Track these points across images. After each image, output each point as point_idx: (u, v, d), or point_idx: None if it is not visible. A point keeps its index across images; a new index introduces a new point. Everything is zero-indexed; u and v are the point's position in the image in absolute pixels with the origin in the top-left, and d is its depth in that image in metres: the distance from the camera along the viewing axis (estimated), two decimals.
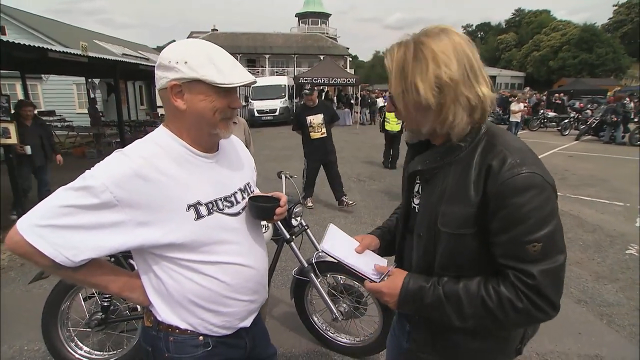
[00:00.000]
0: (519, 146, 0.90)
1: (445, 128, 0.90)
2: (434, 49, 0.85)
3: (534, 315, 0.84)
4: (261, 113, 18.14)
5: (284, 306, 2.98)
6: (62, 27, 18.70)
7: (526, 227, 0.82)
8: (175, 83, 0.96)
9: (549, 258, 0.83)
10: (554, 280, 0.84)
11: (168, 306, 1.06)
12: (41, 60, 5.70)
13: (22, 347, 2.58)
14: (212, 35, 34.80)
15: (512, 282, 0.85)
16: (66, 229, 0.89)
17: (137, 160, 0.95)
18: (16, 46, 4.87)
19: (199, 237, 1.01)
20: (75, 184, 0.91)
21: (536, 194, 0.82)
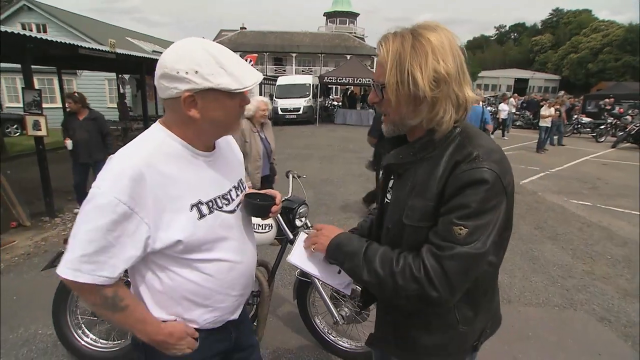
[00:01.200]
0: (489, 146, 0.91)
1: (432, 123, 0.90)
2: (433, 42, 0.85)
3: (427, 290, 0.85)
4: (285, 111, 18.25)
5: (289, 306, 2.98)
6: (99, 25, 19.53)
7: (462, 213, 0.84)
8: (187, 94, 0.93)
9: (471, 244, 0.83)
10: (462, 267, 0.84)
11: (161, 305, 1.06)
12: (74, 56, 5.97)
13: (37, 330, 2.70)
14: (240, 34, 35.40)
15: (421, 252, 0.88)
16: (96, 254, 0.90)
17: (139, 163, 0.93)
18: (51, 43, 5.13)
19: (201, 236, 1.02)
20: (88, 207, 0.90)
21: (486, 188, 0.83)
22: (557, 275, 3.69)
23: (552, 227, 5.04)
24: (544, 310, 3.08)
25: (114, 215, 0.89)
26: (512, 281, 3.55)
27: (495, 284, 1.09)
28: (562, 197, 6.53)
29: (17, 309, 2.98)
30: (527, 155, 10.92)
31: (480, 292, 0.99)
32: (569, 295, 3.33)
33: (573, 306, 3.15)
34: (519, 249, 4.26)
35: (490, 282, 1.03)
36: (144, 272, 1.05)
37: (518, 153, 11.18)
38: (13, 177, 5.15)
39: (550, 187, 7.25)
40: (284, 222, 2.27)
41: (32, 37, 4.54)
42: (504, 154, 0.93)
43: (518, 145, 12.81)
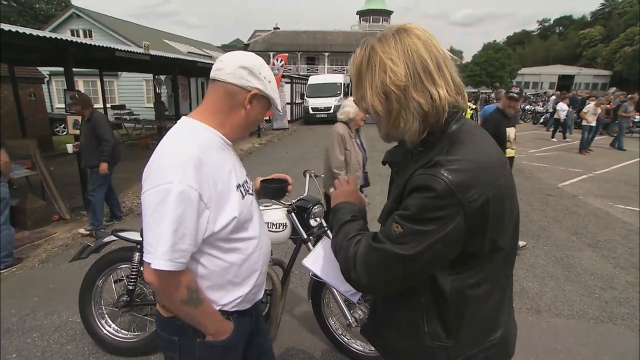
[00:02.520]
0: (467, 156, 0.83)
1: (399, 133, 0.89)
2: (381, 55, 0.83)
3: (348, 270, 0.90)
4: (315, 110, 18.32)
5: (306, 305, 2.97)
6: (139, 29, 20.52)
7: (403, 213, 0.83)
8: (257, 92, 1.11)
9: (398, 244, 0.82)
10: (382, 262, 0.85)
11: (207, 291, 1.13)
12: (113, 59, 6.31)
13: (68, 318, 2.88)
14: (273, 34, 35.92)
15: (365, 236, 0.90)
16: (181, 242, 0.98)
17: (196, 152, 1.02)
18: (90, 47, 5.44)
19: (245, 214, 1.15)
20: (166, 200, 0.95)
21: (429, 197, 0.79)
22: (595, 286, 3.44)
23: (593, 234, 4.70)
24: (577, 323, 2.88)
25: (188, 202, 0.97)
26: (542, 289, 3.35)
27: (490, 315, 0.94)
28: (606, 202, 6.09)
29: (52, 297, 3.19)
30: (568, 156, 10.28)
31: (452, 311, 0.89)
32: (608, 308, 3.09)
33: (612, 320, 2.92)
34: (553, 255, 4.01)
35: (469, 307, 0.89)
36: (190, 260, 1.09)
37: (558, 154, 10.56)
38: (56, 173, 5.50)
39: (592, 191, 6.78)
40: (298, 221, 2.27)
41: (73, 41, 4.83)
42: (487, 166, 0.84)
43: (559, 145, 12.09)
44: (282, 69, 12.74)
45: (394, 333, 1.00)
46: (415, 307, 0.92)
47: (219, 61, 1.13)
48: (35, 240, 4.42)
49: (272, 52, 29.41)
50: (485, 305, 0.92)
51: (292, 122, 18.58)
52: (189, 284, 1.05)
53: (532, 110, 19.74)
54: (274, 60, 12.85)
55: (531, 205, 5.86)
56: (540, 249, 4.21)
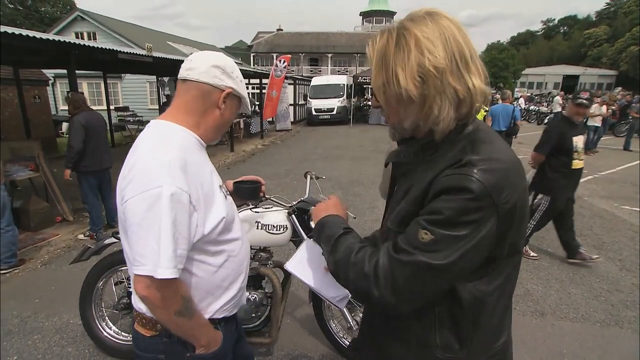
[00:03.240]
0: (493, 155, 0.78)
1: (429, 123, 0.81)
2: (417, 35, 0.76)
3: (371, 288, 0.78)
4: (318, 112, 18.31)
5: (307, 308, 2.95)
6: (143, 31, 20.63)
7: (433, 217, 0.75)
8: (230, 91, 1.10)
9: (430, 254, 0.74)
10: (413, 275, 0.76)
11: (197, 299, 1.09)
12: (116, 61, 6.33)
13: (69, 320, 2.88)
14: (277, 35, 35.99)
15: (379, 250, 0.82)
16: (179, 247, 0.94)
17: (179, 154, 0.99)
18: (93, 49, 5.46)
19: (230, 214, 1.14)
20: (157, 206, 0.91)
21: (465, 198, 0.72)
22: (601, 288, 3.39)
23: (598, 235, 4.65)
24: (582, 326, 2.84)
25: (180, 205, 0.94)
26: (547, 292, 3.31)
27: (498, 320, 0.90)
28: (611, 203, 6.02)
29: (54, 298, 3.19)
30: None
31: (468, 320, 0.84)
32: (614, 311, 3.04)
33: (619, 323, 2.88)
34: (557, 258, 3.96)
35: (484, 314, 0.85)
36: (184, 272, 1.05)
37: None
38: (59, 174, 5.51)
39: (598, 192, 6.72)
40: (299, 223, 2.25)
41: (76, 43, 4.85)
42: (513, 167, 0.79)
43: None
44: (285, 70, 12.75)
45: (400, 347, 0.93)
46: (426, 317, 0.85)
47: (189, 61, 1.09)
48: (38, 241, 4.44)
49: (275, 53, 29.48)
50: (496, 311, 0.88)
51: (295, 123, 18.58)
52: (185, 293, 1.02)
53: (537, 111, 19.61)
54: (277, 61, 12.85)
55: None
56: (544, 251, 4.16)
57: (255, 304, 2.27)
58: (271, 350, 2.52)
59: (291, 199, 2.39)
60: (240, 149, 11.14)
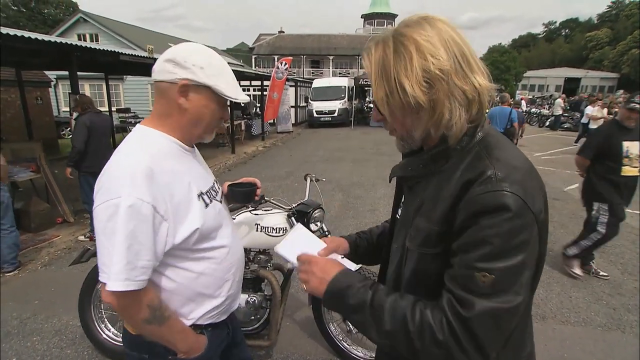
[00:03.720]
0: (512, 162, 0.76)
1: (441, 129, 0.77)
2: (416, 39, 0.74)
3: (455, 355, 0.69)
4: (320, 114, 18.33)
5: (307, 310, 2.94)
6: (145, 33, 20.74)
7: (483, 253, 0.68)
8: (186, 82, 1.00)
9: (499, 297, 0.68)
10: (493, 324, 0.69)
11: (175, 305, 1.08)
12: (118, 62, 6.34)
13: (68, 322, 2.87)
14: (278, 37, 36.10)
15: (442, 307, 0.71)
16: (136, 259, 0.92)
17: (146, 161, 0.96)
18: (95, 51, 5.49)
19: (210, 224, 1.09)
20: (115, 216, 0.90)
21: (508, 218, 0.68)
22: (603, 292, 3.37)
23: None
24: (584, 330, 2.82)
25: (140, 217, 0.91)
26: (548, 295, 3.29)
27: (523, 331, 0.87)
28: None
29: (53, 300, 3.19)
30: None
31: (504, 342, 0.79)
32: (616, 315, 3.02)
33: (620, 328, 2.86)
34: (559, 261, 3.94)
35: (517, 329, 0.81)
36: (162, 275, 1.05)
37: (564, 157, 10.44)
38: (60, 175, 5.53)
39: None
40: None
41: (78, 45, 4.87)
42: (531, 170, 0.77)
43: (565, 148, 11.97)
44: (286, 72, 12.77)
45: None
46: None
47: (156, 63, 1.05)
48: (39, 243, 4.44)
49: (277, 55, 29.56)
50: (522, 322, 0.84)
51: (296, 125, 18.61)
52: (151, 302, 0.99)
53: (538, 113, 19.59)
54: (279, 63, 12.88)
55: None
56: (546, 254, 4.13)
57: (254, 307, 2.26)
58: (270, 353, 2.51)
59: (292, 201, 2.39)
60: (242, 150, 11.15)
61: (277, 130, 15.93)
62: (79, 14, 18.18)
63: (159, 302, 1.01)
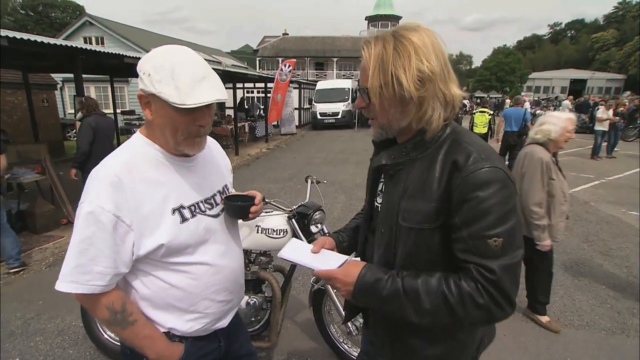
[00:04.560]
0: (483, 144, 0.91)
1: (422, 123, 0.89)
2: (415, 42, 0.85)
3: (493, 311, 0.83)
4: (323, 116, 18.36)
5: (308, 312, 2.94)
6: (151, 36, 20.88)
7: (488, 222, 0.81)
8: (141, 93, 0.99)
9: (509, 254, 0.83)
10: (512, 276, 0.84)
11: (148, 312, 1.08)
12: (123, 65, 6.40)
13: (71, 322, 2.89)
14: (282, 39, 36.23)
15: (473, 277, 0.83)
16: (90, 264, 0.93)
17: (115, 170, 0.97)
18: (100, 54, 5.54)
19: (183, 239, 1.04)
20: (77, 219, 0.95)
21: (499, 188, 0.82)
22: (607, 296, 3.33)
23: (605, 241, 4.58)
24: (588, 334, 2.79)
25: (99, 224, 0.92)
26: (551, 298, 3.24)
27: None
28: (619, 208, 5.94)
29: (57, 300, 3.21)
30: (580, 161, 10.09)
31: None
32: (620, 318, 2.99)
33: (625, 332, 2.82)
34: (562, 263, 3.91)
35: None
36: (129, 279, 1.06)
37: (569, 159, 10.37)
38: (65, 177, 5.58)
39: (605, 197, 6.63)
40: (299, 228, 2.25)
41: (82, 48, 4.92)
42: (494, 150, 0.94)
43: (570, 150, 11.89)
44: (290, 74, 12.82)
45: (424, 342, 0.98)
46: None
47: None
48: (43, 243, 4.48)
49: (281, 57, 29.63)
50: None
51: (300, 127, 18.64)
52: (111, 305, 0.98)
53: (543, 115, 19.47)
54: (282, 65, 12.93)
55: None
56: None
57: (254, 308, 2.27)
58: (271, 354, 2.51)
59: (294, 202, 2.40)
60: (245, 152, 11.18)
61: (280, 132, 15.97)
62: (85, 17, 18.36)
63: (121, 306, 1.00)
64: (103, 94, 16.00)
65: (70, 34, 18.11)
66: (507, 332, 2.75)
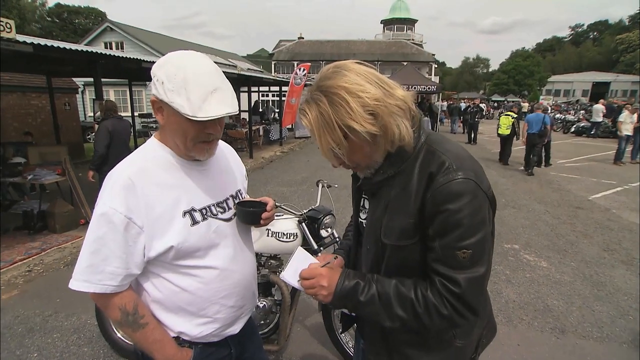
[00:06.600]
0: (458, 152, 0.92)
1: (396, 143, 0.89)
2: (343, 85, 0.84)
3: (457, 321, 0.87)
4: None
5: (318, 317, 2.94)
6: (169, 40, 21.37)
7: (458, 234, 0.83)
8: (154, 98, 1.00)
9: (476, 266, 0.85)
10: (477, 288, 0.87)
11: (158, 314, 1.09)
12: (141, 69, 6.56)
13: (86, 320, 2.96)
14: (298, 43, 36.44)
15: (438, 290, 0.87)
16: (102, 263, 0.96)
17: (129, 173, 0.99)
18: (119, 58, 5.69)
19: (193, 242, 1.04)
20: (91, 220, 0.98)
21: (469, 200, 0.83)
22: (629, 307, 3.22)
23: (627, 250, 4.43)
24: (607, 347, 2.70)
25: (111, 225, 0.95)
26: (568, 308, 3.17)
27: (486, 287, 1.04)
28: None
29: (74, 299, 3.29)
30: (601, 167, 9.80)
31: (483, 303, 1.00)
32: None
33: None
34: (581, 272, 3.80)
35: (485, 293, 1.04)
36: (141, 281, 1.07)
37: (589, 165, 10.08)
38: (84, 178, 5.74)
39: (627, 204, 6.41)
40: (309, 232, 2.25)
41: (102, 53, 5.07)
42: (471, 156, 0.94)
43: (591, 155, 11.56)
44: (304, 77, 12.87)
45: (419, 350, 1.00)
46: None
47: None
48: (62, 243, 4.61)
49: (296, 61, 29.81)
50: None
51: None
52: (123, 306, 1.00)
53: (563, 119, 19.00)
54: (297, 69, 12.99)
55: (558, 218, 5.60)
56: (567, 265, 4.00)
57: (264, 311, 2.28)
58: (279, 358, 2.51)
59: (307, 206, 2.42)
60: (259, 155, 11.27)
61: (295, 136, 16.04)
62: (106, 23, 18.96)
63: (134, 307, 1.01)
64: (122, 97, 16.43)
65: (92, 40, 18.72)
66: (521, 342, 2.69)
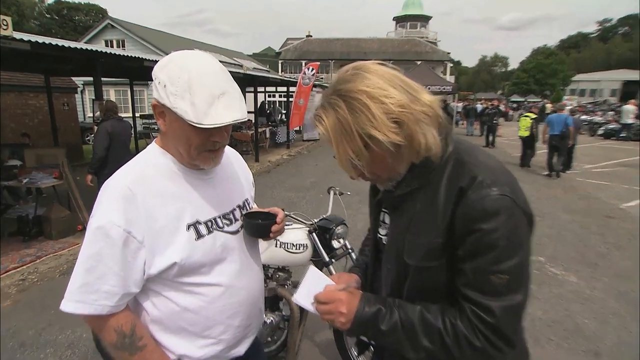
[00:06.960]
0: (491, 164, 0.87)
1: (421, 154, 0.84)
2: (365, 90, 0.79)
3: (491, 353, 0.81)
4: None
5: (327, 332, 2.88)
6: (172, 38, 21.64)
7: (493, 256, 0.78)
8: (155, 102, 0.96)
9: (512, 293, 0.79)
10: (513, 319, 0.81)
11: (159, 336, 1.05)
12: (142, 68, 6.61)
13: (82, 334, 2.95)
14: (306, 42, 36.67)
15: (469, 318, 0.81)
16: (97, 282, 0.91)
17: (129, 182, 0.96)
18: (119, 57, 5.74)
19: (198, 258, 1.01)
20: (86, 234, 0.94)
21: (505, 219, 0.78)
22: None
23: None
24: None
25: (109, 240, 0.90)
26: (603, 329, 3.05)
27: None
28: None
29: None
30: (633, 173, 9.58)
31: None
32: None
33: None
34: (615, 289, 3.67)
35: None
36: (140, 299, 1.04)
37: (620, 170, 9.88)
38: (82, 182, 5.78)
39: None
40: (320, 242, 2.21)
41: (102, 52, 5.12)
42: (504, 167, 0.88)
43: (621, 160, 11.34)
44: (313, 77, 12.89)
45: None
46: None
47: None
48: (59, 250, 4.62)
49: (304, 60, 29.97)
50: None
51: None
52: (120, 327, 0.95)
53: (589, 121, 18.72)
54: (305, 68, 13.03)
55: (588, 228, 5.47)
56: (599, 280, 3.88)
57: (271, 328, 2.23)
58: None
59: (316, 213, 2.36)
60: (266, 159, 11.28)
61: (303, 138, 16.06)
62: (107, 20, 19.26)
63: (130, 328, 0.97)
64: (123, 97, 16.64)
65: (92, 37, 19.03)
66: None
